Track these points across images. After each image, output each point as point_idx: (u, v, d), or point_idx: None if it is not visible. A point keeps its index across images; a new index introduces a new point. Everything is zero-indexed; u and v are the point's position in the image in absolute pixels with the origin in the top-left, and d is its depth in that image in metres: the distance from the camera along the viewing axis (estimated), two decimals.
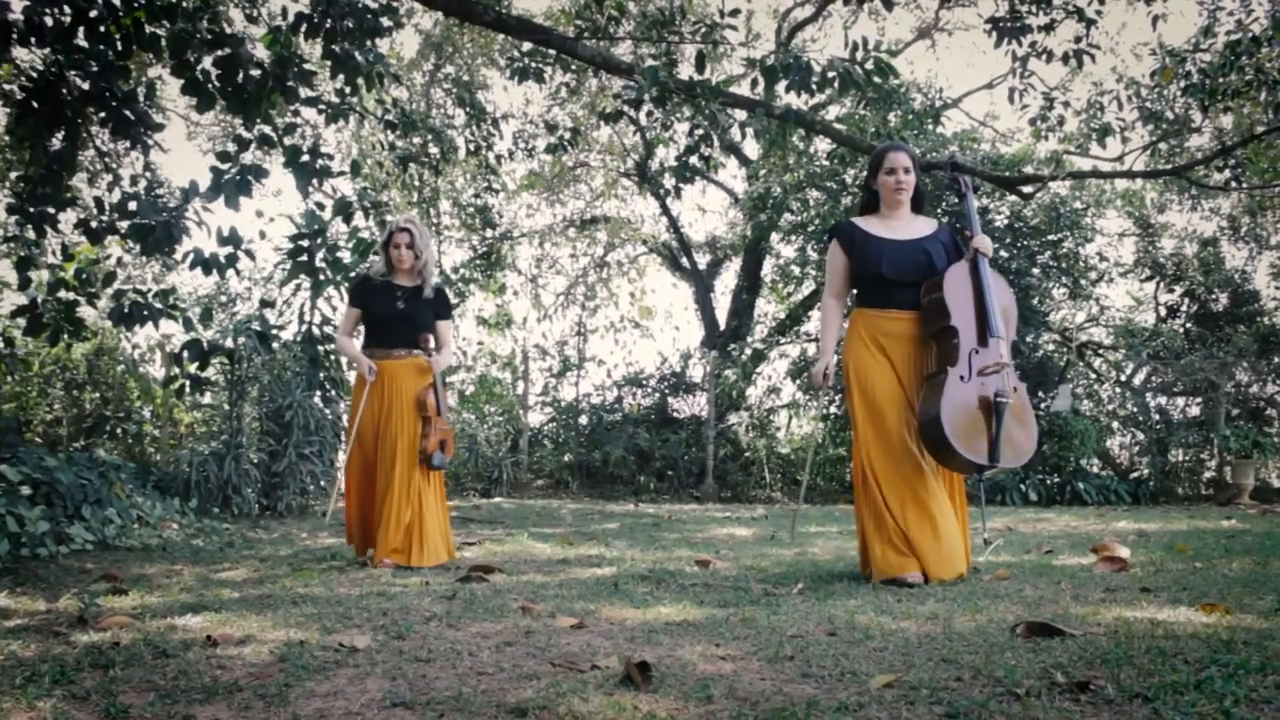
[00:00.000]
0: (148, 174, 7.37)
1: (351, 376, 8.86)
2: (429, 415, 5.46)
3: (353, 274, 8.15)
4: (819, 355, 4.51)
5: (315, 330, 9.44)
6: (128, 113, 6.59)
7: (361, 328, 5.70)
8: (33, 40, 6.11)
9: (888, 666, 2.49)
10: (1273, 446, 12.31)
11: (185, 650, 2.76)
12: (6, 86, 7.01)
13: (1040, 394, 12.76)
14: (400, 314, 5.52)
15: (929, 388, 4.16)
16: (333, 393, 9.84)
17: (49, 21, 6.02)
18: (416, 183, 14.20)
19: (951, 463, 4.13)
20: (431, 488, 5.48)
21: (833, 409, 13.87)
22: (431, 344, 5.58)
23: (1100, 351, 14.51)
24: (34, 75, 6.43)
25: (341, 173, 7.96)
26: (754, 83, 7.44)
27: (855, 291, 4.54)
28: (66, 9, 6.01)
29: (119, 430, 10.38)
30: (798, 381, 14.15)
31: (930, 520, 4.09)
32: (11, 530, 5.37)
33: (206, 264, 7.01)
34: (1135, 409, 13.55)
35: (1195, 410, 13.68)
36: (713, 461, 13.53)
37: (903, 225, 4.43)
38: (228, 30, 7.02)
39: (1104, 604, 3.32)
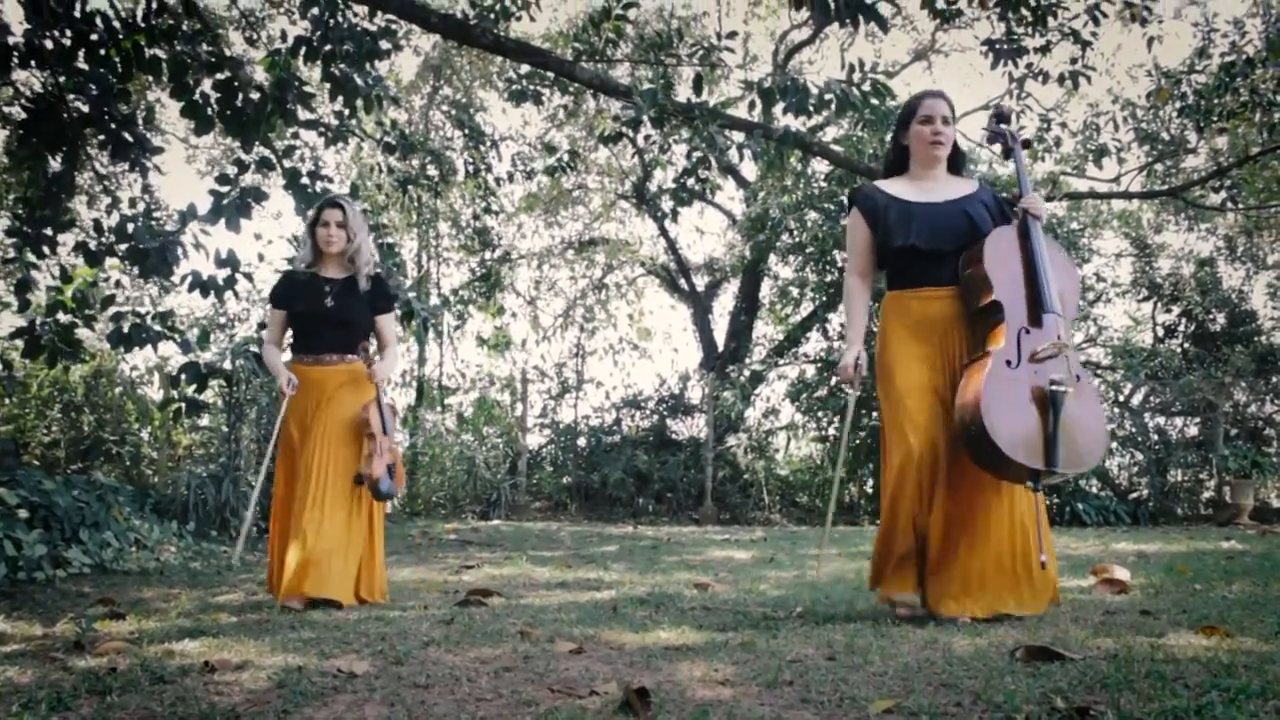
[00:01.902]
0: (146, 197, 7.39)
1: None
2: (372, 434, 4.65)
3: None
4: (846, 346, 3.86)
5: None
6: (127, 135, 6.62)
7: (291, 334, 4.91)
8: (33, 63, 6.15)
9: (887, 691, 2.48)
10: (1271, 466, 12.30)
11: (183, 676, 2.75)
12: (7, 109, 7.04)
13: None
14: (329, 312, 4.71)
15: (967, 377, 3.50)
16: None
17: (49, 44, 6.05)
18: (416, 204, 14.24)
19: (998, 467, 3.41)
20: (372, 520, 4.77)
21: (831, 430, 13.85)
22: (372, 348, 4.85)
23: (1098, 372, 14.52)
24: (34, 97, 6.45)
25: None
26: (751, 105, 7.45)
27: (884, 271, 3.88)
28: (68, 32, 6.04)
29: (116, 452, 10.36)
30: (796, 403, 14.14)
31: (955, 543, 3.55)
32: (9, 554, 5.36)
33: (205, 286, 7.02)
34: (1134, 429, 13.55)
35: (1194, 430, 13.67)
36: (711, 483, 13.51)
37: (938, 186, 3.79)
38: (227, 53, 7.06)
39: (1104, 627, 3.31)
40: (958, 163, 3.90)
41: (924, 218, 3.68)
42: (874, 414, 11.36)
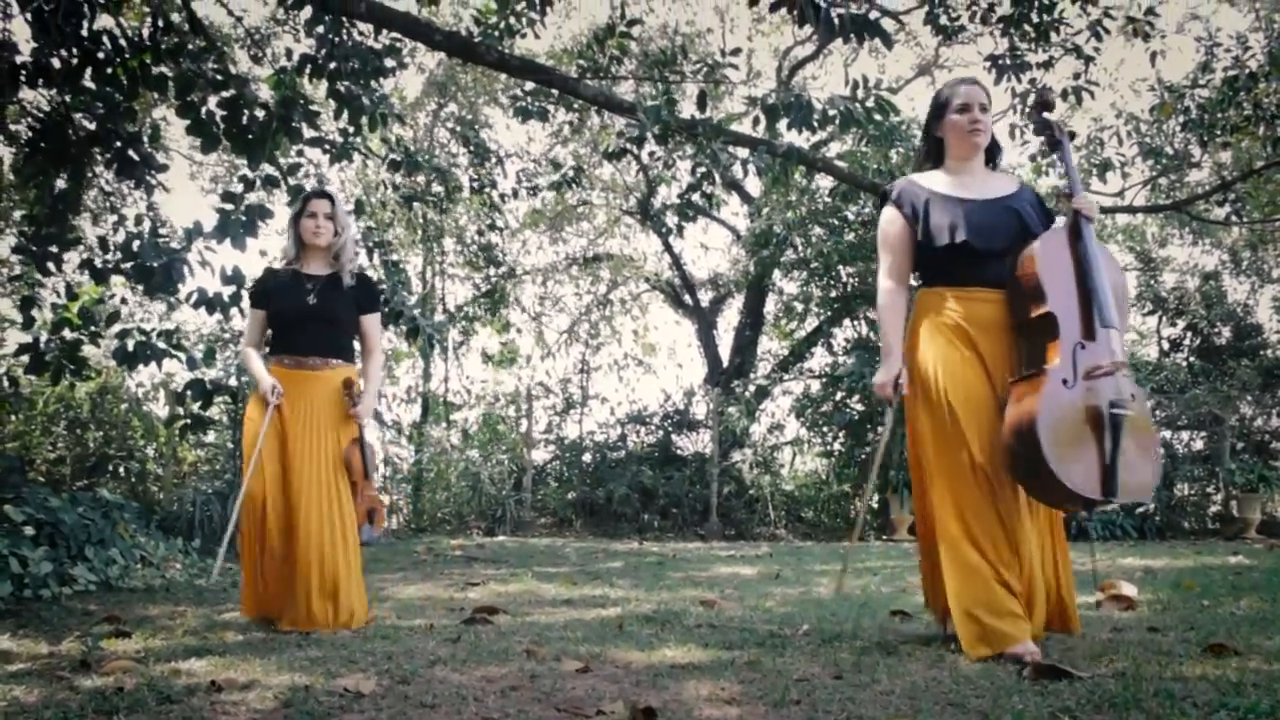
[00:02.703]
0: (151, 214, 7.40)
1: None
2: (355, 480, 4.42)
3: None
4: (882, 359, 3.49)
5: None
6: (132, 153, 6.64)
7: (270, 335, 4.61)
8: (40, 81, 6.18)
9: (894, 711, 2.47)
10: (1279, 480, 12.26)
11: (189, 695, 2.74)
12: (14, 127, 7.06)
13: None
14: (312, 310, 4.41)
15: (1018, 395, 3.16)
16: None
17: (56, 63, 6.08)
18: (420, 221, 14.27)
19: (1050, 495, 3.14)
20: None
21: (836, 445, 13.83)
22: (359, 385, 4.48)
23: None
24: (41, 116, 6.48)
25: (346, 212, 7.98)
26: (755, 121, 7.45)
27: (919, 273, 3.55)
28: (74, 51, 6.07)
29: (122, 469, 10.37)
30: (801, 418, 14.12)
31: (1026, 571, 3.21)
32: (14, 571, 5.36)
33: (210, 303, 7.02)
34: None
35: (1200, 444, 13.64)
36: (716, 499, 13.48)
37: (977, 181, 3.48)
38: (233, 71, 7.08)
39: (1111, 645, 3.30)
40: (994, 156, 3.62)
41: (973, 215, 3.36)
42: (879, 428, 11.33)
